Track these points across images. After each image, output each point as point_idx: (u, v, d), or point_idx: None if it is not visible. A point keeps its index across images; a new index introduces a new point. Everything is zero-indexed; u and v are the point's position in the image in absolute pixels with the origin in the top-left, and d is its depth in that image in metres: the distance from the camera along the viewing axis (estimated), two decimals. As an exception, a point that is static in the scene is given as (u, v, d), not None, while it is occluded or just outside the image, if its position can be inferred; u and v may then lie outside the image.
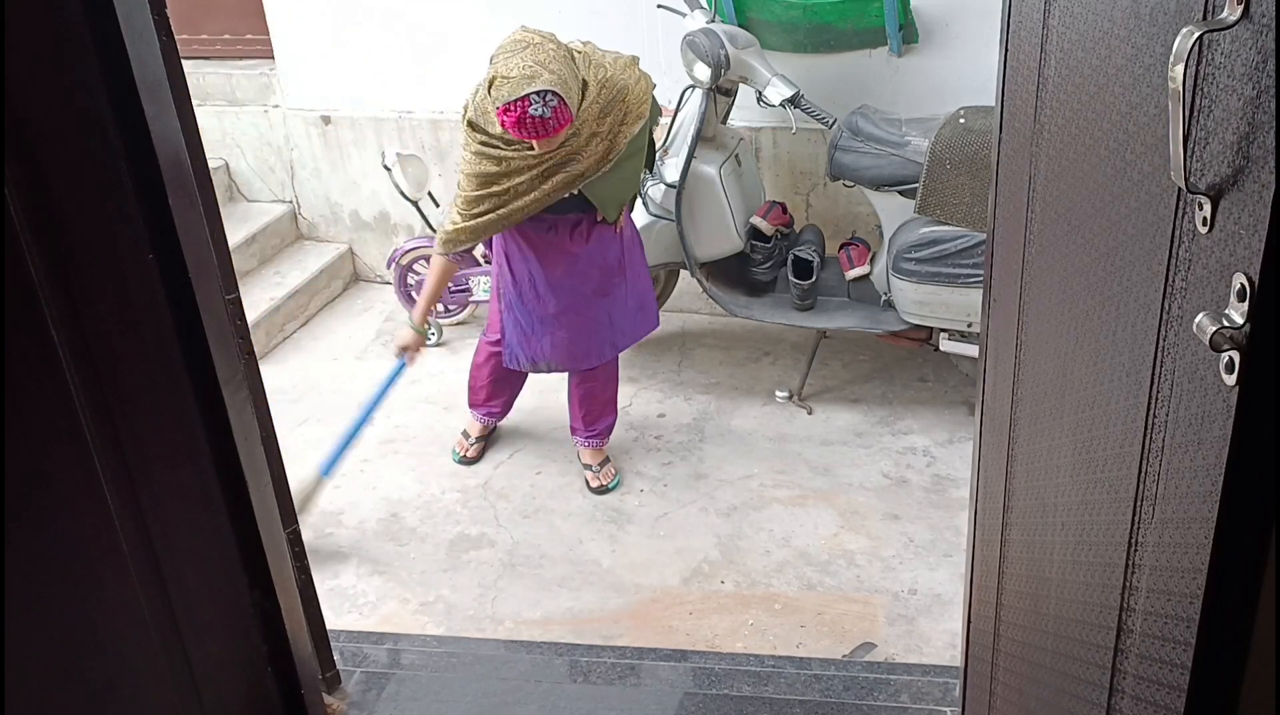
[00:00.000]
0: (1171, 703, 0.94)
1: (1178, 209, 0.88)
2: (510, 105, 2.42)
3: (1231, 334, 0.77)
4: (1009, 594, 1.55)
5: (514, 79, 2.41)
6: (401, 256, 4.02)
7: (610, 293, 2.97)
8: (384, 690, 2.33)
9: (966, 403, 3.50)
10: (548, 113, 2.42)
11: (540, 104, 2.40)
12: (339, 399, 3.75)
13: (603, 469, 3.20)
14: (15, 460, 1.29)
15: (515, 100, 2.41)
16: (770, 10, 3.43)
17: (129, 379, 1.50)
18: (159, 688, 1.64)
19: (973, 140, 2.94)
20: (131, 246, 1.49)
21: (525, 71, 2.41)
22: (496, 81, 2.45)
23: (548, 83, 2.41)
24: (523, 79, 2.40)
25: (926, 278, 3.10)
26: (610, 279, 2.96)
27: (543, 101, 2.40)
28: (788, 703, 2.27)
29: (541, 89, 2.40)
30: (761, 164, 3.84)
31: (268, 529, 1.86)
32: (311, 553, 3.01)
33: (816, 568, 2.84)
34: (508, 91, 2.42)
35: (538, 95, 2.40)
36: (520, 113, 2.41)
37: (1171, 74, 0.79)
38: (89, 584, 1.46)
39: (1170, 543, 0.92)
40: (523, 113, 2.41)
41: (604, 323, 2.99)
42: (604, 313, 2.98)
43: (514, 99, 2.41)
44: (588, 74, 2.59)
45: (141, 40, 1.43)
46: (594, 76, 2.60)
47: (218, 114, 4.47)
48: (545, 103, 2.41)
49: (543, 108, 2.41)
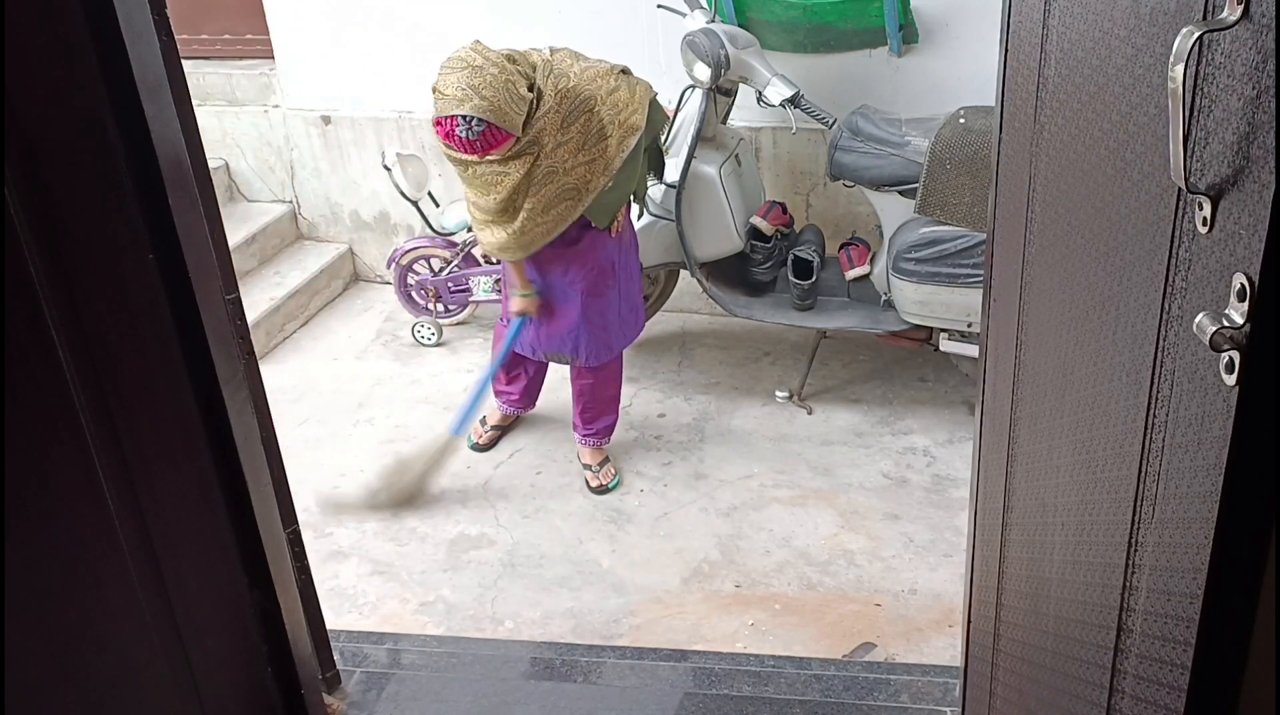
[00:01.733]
0: (1171, 703, 0.94)
1: (1178, 209, 0.88)
2: (441, 120, 2.55)
3: (1231, 334, 0.77)
4: (1009, 594, 1.55)
5: (447, 97, 2.52)
6: (401, 256, 4.02)
7: (603, 294, 3.00)
8: (384, 690, 2.33)
9: (966, 403, 3.50)
10: (474, 135, 2.53)
11: (465, 127, 2.51)
12: (339, 399, 3.75)
13: (602, 469, 3.20)
14: (15, 460, 1.29)
15: (444, 117, 2.54)
16: (770, 10, 3.43)
17: (129, 379, 1.50)
18: (159, 688, 1.64)
19: (973, 140, 2.94)
20: (131, 246, 1.49)
21: (457, 93, 2.50)
22: (435, 94, 2.57)
23: (475, 109, 2.50)
24: (453, 99, 2.51)
25: (926, 278, 3.09)
26: (604, 280, 2.98)
27: (468, 125, 2.51)
28: (788, 703, 2.27)
29: (467, 113, 2.50)
30: (761, 164, 3.84)
31: (268, 529, 1.86)
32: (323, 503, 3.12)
33: (816, 568, 2.84)
34: (439, 108, 2.55)
35: (463, 119, 2.51)
36: (449, 129, 2.54)
37: (1171, 74, 0.79)
38: (89, 584, 1.46)
39: (1170, 543, 0.92)
40: (451, 129, 2.54)
41: (596, 323, 3.01)
42: (596, 313, 3.01)
43: (443, 116, 2.54)
44: (545, 83, 2.66)
45: (141, 40, 1.43)
46: (552, 86, 2.66)
47: (218, 114, 4.47)
48: (470, 127, 2.51)
49: (467, 130, 2.51)
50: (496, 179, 2.73)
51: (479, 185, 2.76)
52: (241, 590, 1.85)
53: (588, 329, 3.03)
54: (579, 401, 3.20)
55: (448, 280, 3.99)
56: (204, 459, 1.70)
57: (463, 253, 3.95)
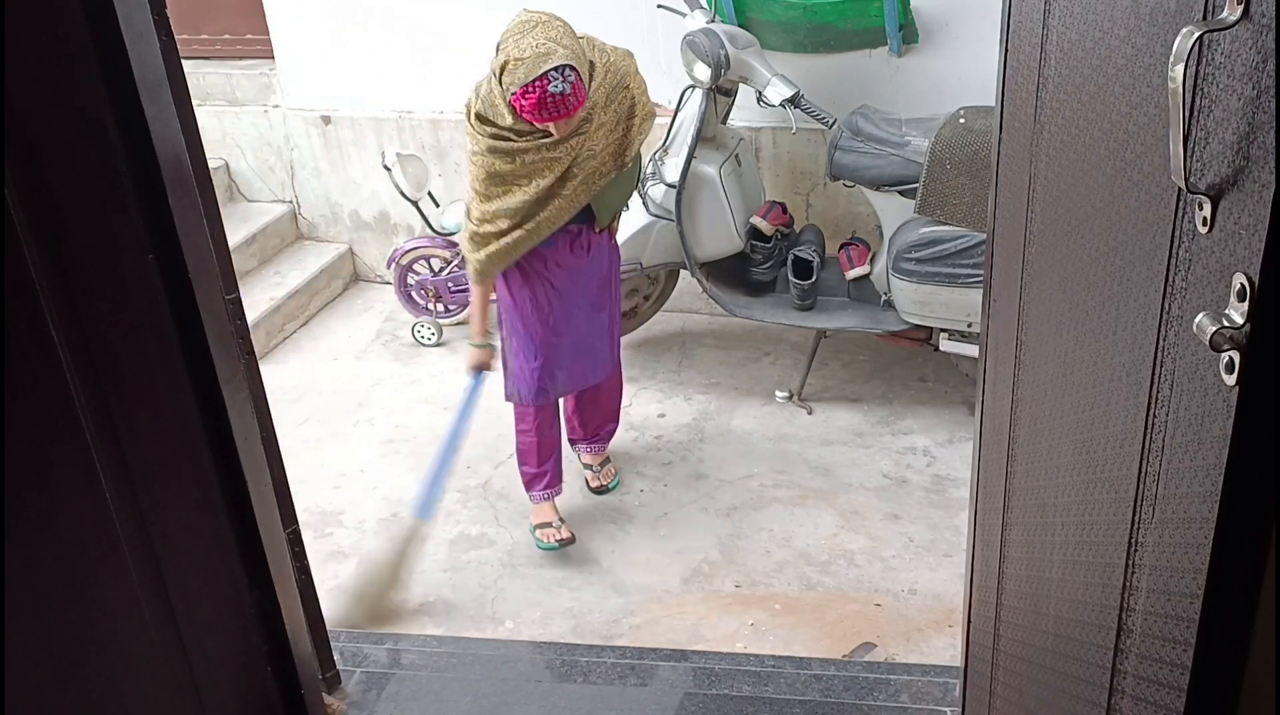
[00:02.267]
0: (1171, 703, 0.94)
1: (1178, 209, 0.88)
2: (530, 85, 2.32)
3: (1231, 334, 0.77)
4: (1009, 594, 1.55)
5: (528, 59, 2.32)
6: (401, 256, 4.02)
7: (604, 307, 2.87)
8: (384, 690, 2.33)
9: (966, 403, 3.50)
10: (567, 88, 2.32)
11: (559, 80, 2.31)
12: (339, 399, 3.75)
13: (603, 469, 3.18)
14: (15, 460, 1.29)
15: (534, 80, 2.31)
16: (770, 10, 3.43)
17: (129, 379, 1.50)
18: (159, 688, 1.64)
19: (973, 140, 2.94)
20: (131, 246, 1.49)
21: (540, 49, 2.32)
22: (510, 65, 2.35)
23: (563, 58, 2.32)
24: (538, 57, 2.31)
25: (926, 278, 3.09)
26: (605, 291, 2.87)
27: (561, 77, 2.31)
28: (788, 703, 2.27)
29: (559, 64, 2.31)
30: (761, 164, 3.84)
31: (268, 529, 1.86)
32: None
33: (816, 568, 2.84)
34: (524, 73, 2.32)
35: (556, 71, 2.31)
36: (540, 92, 2.31)
37: (1171, 74, 0.79)
38: (89, 584, 1.46)
39: (1170, 543, 0.92)
40: (543, 92, 2.31)
41: (602, 337, 2.90)
42: (601, 327, 2.88)
43: (532, 79, 2.31)
44: (594, 55, 2.53)
45: (141, 40, 1.43)
46: (599, 59, 2.52)
47: (218, 114, 4.47)
48: (564, 78, 2.32)
49: (562, 83, 2.31)
50: (546, 165, 2.51)
51: (523, 176, 2.52)
52: (241, 590, 1.85)
53: (607, 344, 2.93)
54: (581, 415, 3.10)
55: (448, 280, 3.99)
56: (204, 459, 1.70)
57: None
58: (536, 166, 2.51)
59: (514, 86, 2.34)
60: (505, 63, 2.36)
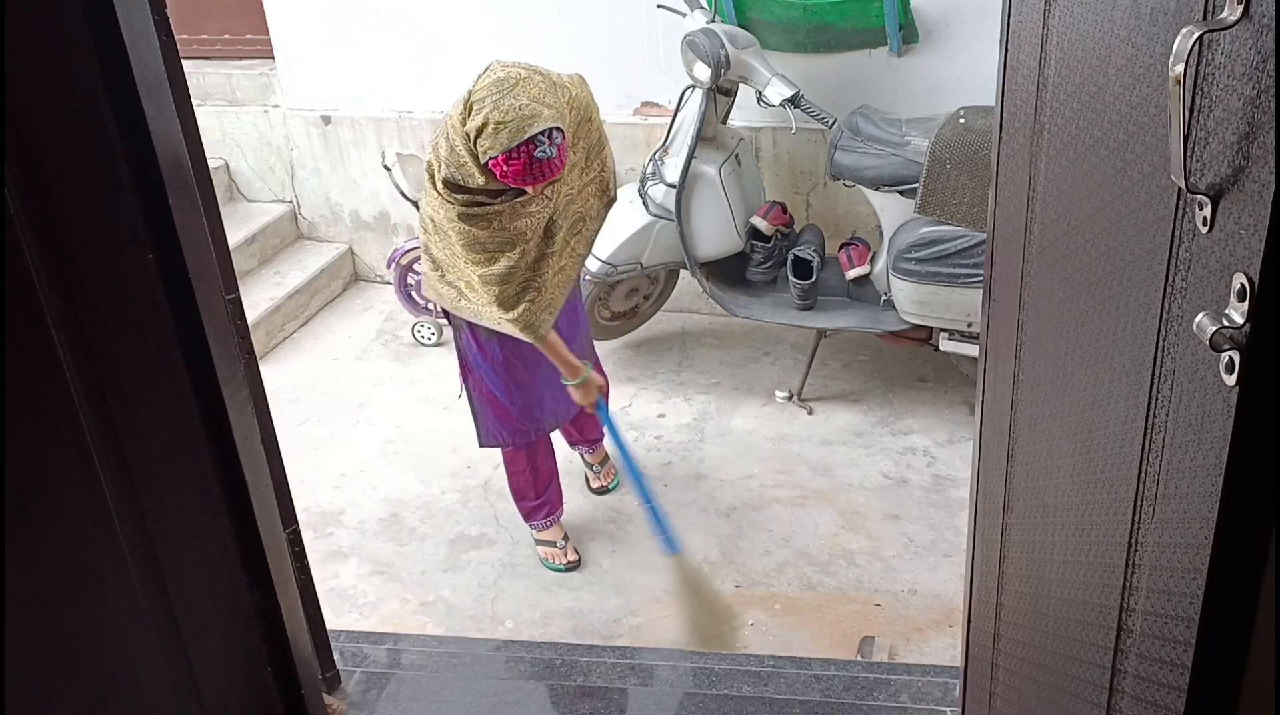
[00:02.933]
0: (1171, 703, 0.94)
1: (1178, 209, 0.88)
2: (515, 151, 2.15)
3: (1231, 334, 0.77)
4: (1009, 594, 1.55)
5: (511, 123, 2.14)
6: (401, 256, 4.02)
7: (575, 337, 2.70)
8: (384, 690, 2.33)
9: (966, 403, 3.50)
10: (553, 153, 2.19)
11: (546, 144, 2.17)
12: (339, 399, 3.76)
13: (603, 468, 3.18)
14: (15, 460, 1.29)
15: (519, 145, 2.15)
16: (770, 10, 3.43)
17: (129, 379, 1.50)
18: (159, 688, 1.64)
19: (973, 140, 2.94)
20: (131, 246, 1.49)
21: (524, 112, 2.15)
22: (490, 129, 2.16)
23: (550, 119, 2.18)
24: (522, 120, 2.14)
25: (926, 278, 3.10)
26: (574, 322, 2.72)
27: (548, 140, 2.17)
28: (788, 703, 2.27)
29: (546, 128, 2.17)
30: (761, 164, 3.84)
31: (268, 529, 1.86)
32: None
33: (816, 568, 2.84)
34: (508, 137, 2.15)
35: (543, 135, 2.16)
36: (526, 158, 2.16)
37: (1171, 74, 0.79)
38: (89, 584, 1.46)
39: (1170, 543, 0.92)
40: (528, 158, 2.16)
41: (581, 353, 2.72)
42: (580, 340, 2.74)
43: (517, 144, 2.15)
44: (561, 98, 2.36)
45: (141, 40, 1.43)
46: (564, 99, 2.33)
47: (218, 114, 4.47)
48: (551, 141, 2.18)
49: (549, 147, 2.18)
50: (527, 226, 2.33)
51: (502, 242, 2.33)
52: (241, 590, 1.85)
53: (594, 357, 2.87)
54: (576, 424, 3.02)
55: (448, 280, 3.99)
56: (204, 459, 1.70)
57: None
58: (518, 230, 2.34)
59: (494, 151, 2.17)
60: (483, 125, 2.17)
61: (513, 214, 2.31)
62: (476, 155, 2.22)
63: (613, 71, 3.76)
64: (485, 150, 2.18)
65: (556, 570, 2.89)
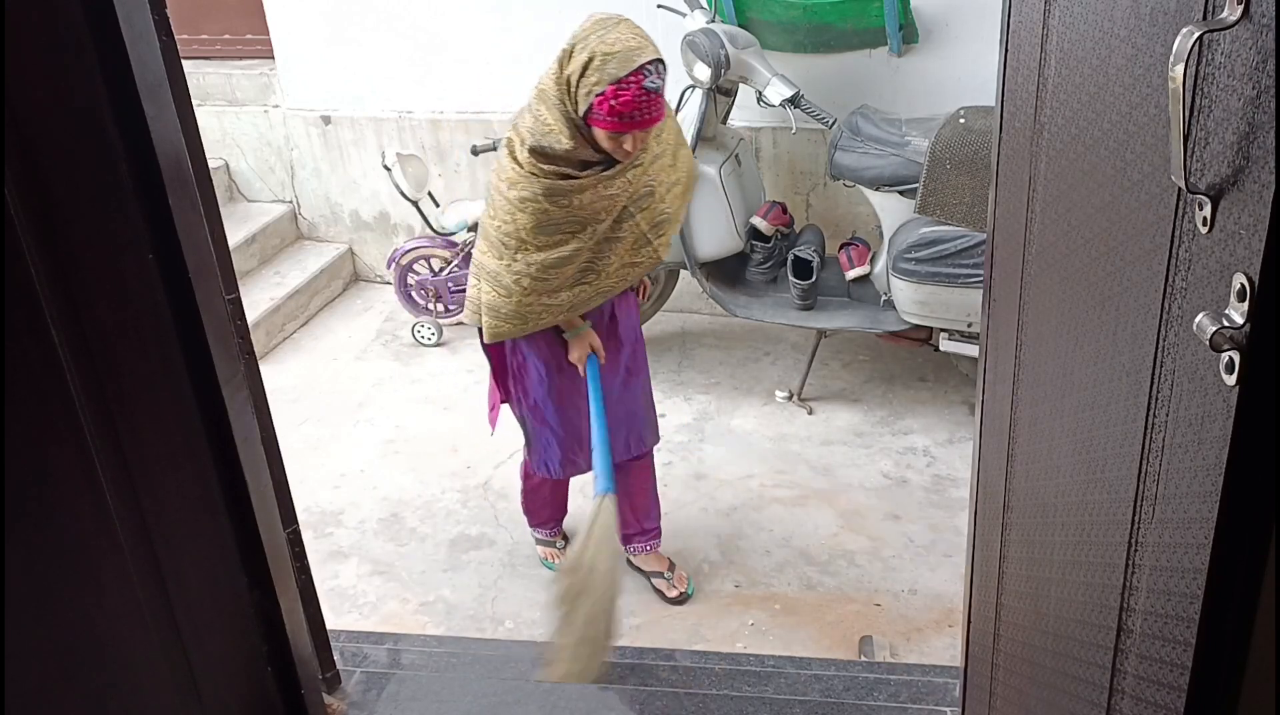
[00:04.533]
0: (1171, 703, 0.94)
1: (1178, 209, 0.88)
2: (625, 81, 2.03)
3: (1231, 334, 0.77)
4: (1009, 594, 1.55)
5: (619, 53, 2.03)
6: (401, 256, 4.02)
7: (639, 371, 2.57)
8: (384, 690, 2.33)
9: (966, 403, 3.50)
10: (660, 85, 2.07)
11: (654, 75, 2.05)
12: (339, 399, 3.76)
13: (674, 573, 2.80)
14: (15, 460, 1.29)
15: (629, 75, 2.03)
16: (770, 10, 3.43)
17: (129, 379, 1.50)
18: (159, 688, 1.64)
19: (973, 140, 2.94)
20: (131, 246, 1.49)
21: (630, 43, 2.05)
22: (597, 60, 2.04)
23: (655, 52, 2.07)
24: (630, 50, 2.04)
25: (926, 278, 3.10)
26: (637, 349, 2.58)
27: (655, 72, 2.06)
28: (788, 703, 2.26)
29: (653, 58, 2.06)
30: (761, 164, 3.84)
31: (268, 529, 1.86)
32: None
33: (816, 568, 2.84)
34: (616, 66, 2.03)
35: (651, 66, 2.05)
36: (636, 88, 2.03)
37: (1171, 74, 0.79)
38: (89, 584, 1.46)
39: (1170, 543, 0.92)
40: (638, 88, 2.04)
41: (637, 403, 2.60)
42: (636, 392, 2.59)
43: (627, 73, 2.03)
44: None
45: (141, 40, 1.43)
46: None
47: (218, 114, 4.48)
48: (658, 73, 2.06)
49: (656, 79, 2.06)
50: (603, 208, 2.21)
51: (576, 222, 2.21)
52: (241, 590, 1.85)
53: (647, 410, 2.63)
54: (631, 499, 2.73)
55: (448, 280, 3.99)
56: (204, 459, 1.69)
57: (463, 253, 3.95)
58: (593, 210, 2.21)
59: (603, 84, 2.04)
60: (589, 59, 2.05)
61: (594, 192, 2.19)
62: (575, 106, 2.11)
63: (613, 71, 3.76)
64: (593, 86, 2.05)
65: (556, 570, 2.89)
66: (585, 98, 2.07)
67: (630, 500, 2.72)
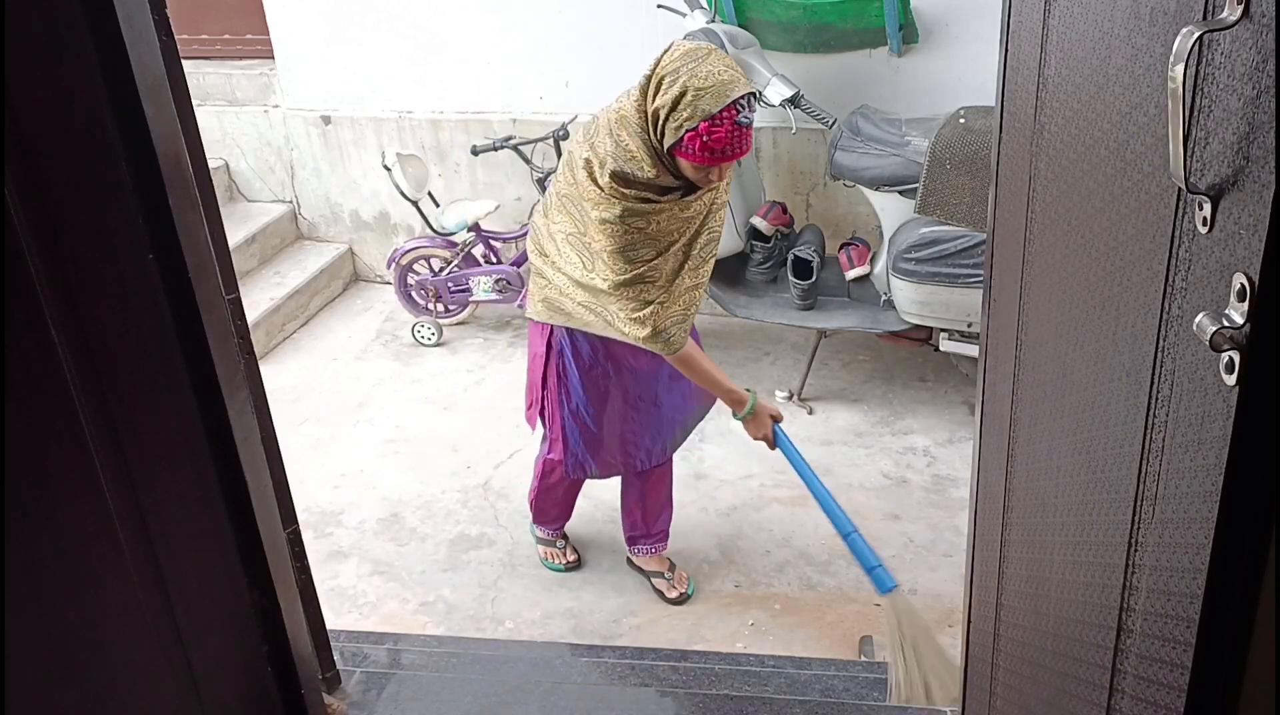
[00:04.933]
0: (1171, 703, 0.94)
1: (1178, 209, 0.88)
2: (718, 116, 2.03)
3: (1231, 334, 0.77)
4: (1009, 594, 1.55)
5: (713, 87, 2.02)
6: (401, 256, 4.02)
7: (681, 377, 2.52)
8: (384, 690, 2.33)
9: (966, 403, 3.50)
10: (752, 120, 2.09)
11: (746, 109, 2.06)
12: (339, 399, 3.76)
13: (674, 573, 2.82)
14: (15, 459, 1.28)
15: (722, 110, 2.03)
16: (770, 10, 3.43)
17: (129, 379, 1.50)
18: (159, 688, 1.64)
19: (973, 140, 2.94)
20: (131, 246, 1.48)
21: (725, 76, 2.04)
22: (689, 97, 2.03)
23: (747, 86, 2.07)
24: (724, 84, 2.03)
25: (926, 278, 3.10)
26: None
27: (747, 106, 2.06)
28: (788, 703, 2.26)
29: (746, 93, 2.05)
30: (761, 164, 3.84)
31: (268, 529, 1.86)
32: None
33: (816, 568, 2.84)
34: (711, 101, 2.02)
35: (744, 101, 2.05)
36: (729, 124, 2.03)
37: (1171, 74, 0.79)
38: (89, 584, 1.46)
39: (1170, 543, 0.92)
40: (731, 124, 2.04)
41: (679, 408, 2.61)
42: (679, 398, 2.59)
43: (720, 109, 2.02)
44: None
45: (141, 40, 1.43)
46: None
47: (218, 114, 4.48)
48: (750, 107, 2.07)
49: (748, 113, 2.07)
50: (678, 231, 2.22)
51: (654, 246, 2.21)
52: (241, 590, 1.84)
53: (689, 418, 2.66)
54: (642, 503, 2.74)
55: (448, 280, 3.99)
56: (204, 459, 1.69)
57: (463, 253, 3.95)
58: (670, 234, 2.22)
59: (696, 119, 2.03)
60: (681, 94, 2.03)
61: (672, 215, 2.20)
62: (660, 138, 2.10)
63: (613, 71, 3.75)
64: (685, 121, 2.05)
65: (556, 570, 2.88)
66: (675, 131, 2.06)
67: (644, 503, 2.73)
